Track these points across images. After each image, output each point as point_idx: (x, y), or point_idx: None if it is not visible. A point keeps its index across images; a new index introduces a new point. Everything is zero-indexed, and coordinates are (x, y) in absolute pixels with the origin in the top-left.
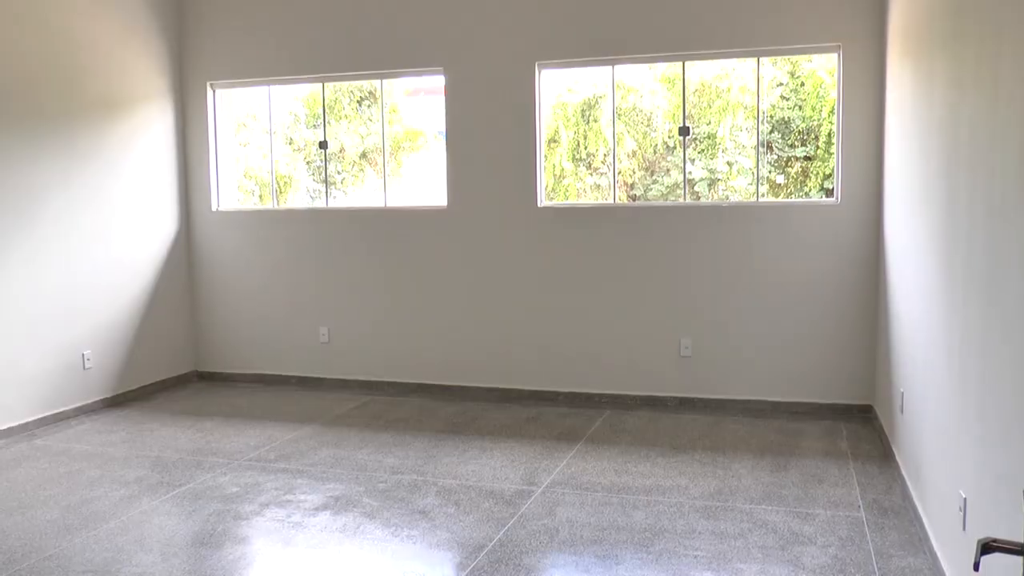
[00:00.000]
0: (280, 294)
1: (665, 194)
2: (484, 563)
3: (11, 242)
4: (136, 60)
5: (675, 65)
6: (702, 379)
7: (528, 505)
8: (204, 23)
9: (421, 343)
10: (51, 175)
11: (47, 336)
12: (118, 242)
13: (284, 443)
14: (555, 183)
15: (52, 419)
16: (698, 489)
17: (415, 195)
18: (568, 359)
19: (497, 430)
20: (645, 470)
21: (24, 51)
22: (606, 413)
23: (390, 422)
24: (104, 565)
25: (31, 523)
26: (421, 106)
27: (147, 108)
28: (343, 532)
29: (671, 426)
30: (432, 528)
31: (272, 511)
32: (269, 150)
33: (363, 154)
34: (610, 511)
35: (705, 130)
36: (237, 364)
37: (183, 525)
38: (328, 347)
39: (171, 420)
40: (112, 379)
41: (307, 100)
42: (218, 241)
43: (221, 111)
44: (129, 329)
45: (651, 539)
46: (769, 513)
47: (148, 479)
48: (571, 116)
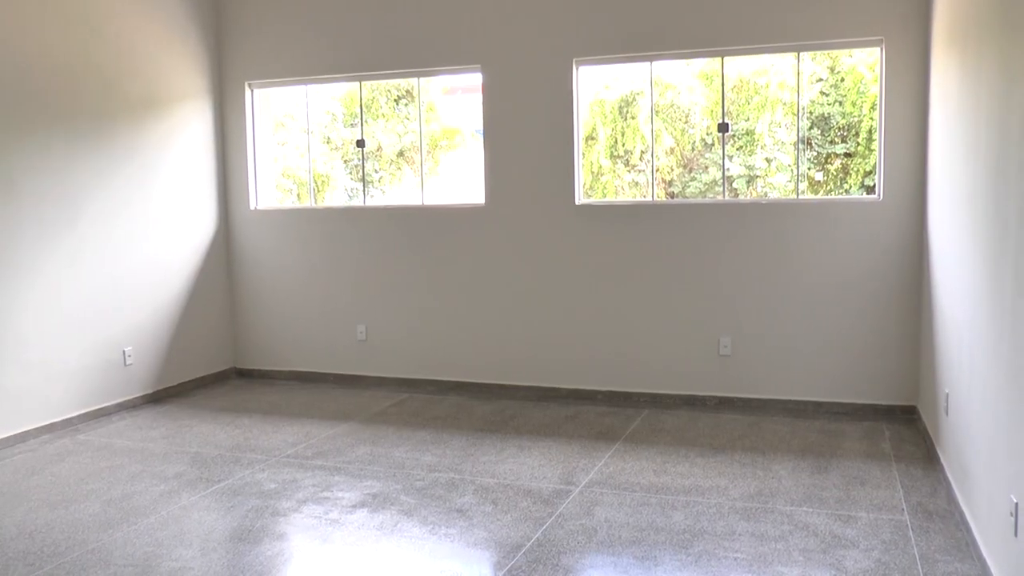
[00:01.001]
0: (318, 292)
1: (703, 191)
2: (522, 563)
3: (54, 241)
4: (175, 61)
5: (713, 61)
6: (741, 378)
7: (566, 505)
8: (242, 23)
9: (459, 341)
10: (92, 174)
11: (89, 333)
12: (157, 241)
13: (321, 440)
14: (593, 180)
15: (94, 414)
16: (738, 490)
17: (452, 193)
18: (606, 358)
19: (535, 429)
20: (684, 470)
21: (66, 53)
22: (645, 412)
23: (428, 420)
24: (144, 559)
25: (74, 516)
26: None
27: (186, 108)
28: (380, 530)
29: (710, 426)
30: (470, 527)
31: (309, 508)
32: (307, 149)
33: (400, 153)
34: (649, 511)
35: (744, 126)
36: (275, 362)
37: (221, 520)
38: (365, 345)
39: (210, 417)
40: (152, 376)
41: (344, 99)
42: (256, 239)
43: (259, 111)
44: (169, 327)
45: (690, 540)
46: (810, 515)
47: (187, 475)
48: (608, 113)
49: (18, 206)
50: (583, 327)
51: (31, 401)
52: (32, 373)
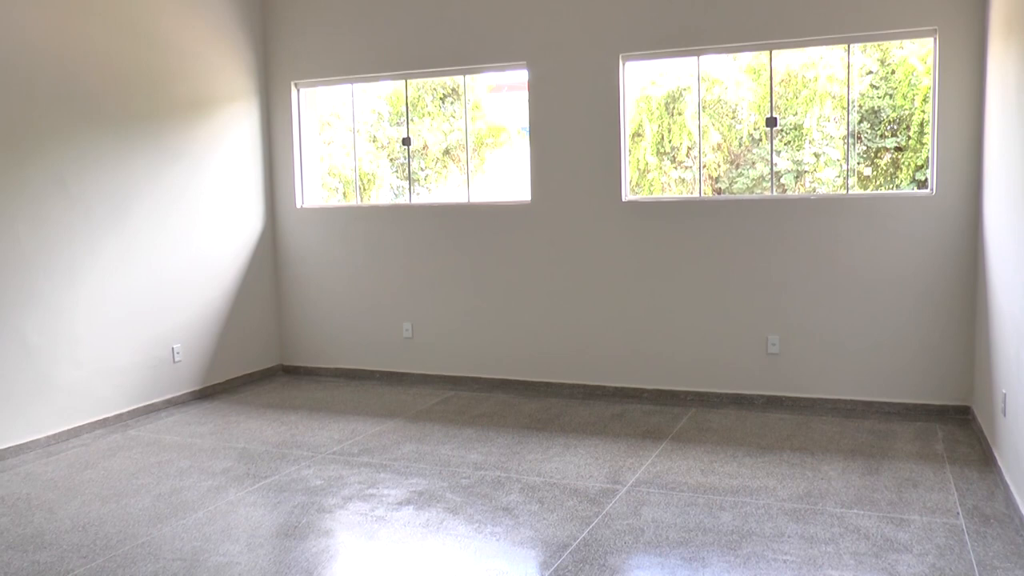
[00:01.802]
0: (364, 290)
1: (750, 187)
2: (568, 562)
3: (105, 240)
4: (223, 61)
5: (760, 55)
6: (790, 377)
7: (613, 504)
8: (288, 24)
9: (505, 338)
10: (141, 174)
11: (139, 331)
12: (205, 239)
13: (367, 437)
14: (639, 177)
15: (143, 410)
16: (786, 491)
17: (498, 190)
18: (653, 355)
19: (581, 427)
20: (732, 470)
21: (116, 55)
22: (692, 411)
23: (473, 418)
24: (192, 554)
25: (125, 511)
26: (503, 102)
27: (233, 108)
28: (426, 527)
29: (758, 425)
30: (516, 525)
31: (355, 505)
32: (352, 147)
33: (446, 151)
34: (696, 512)
35: (791, 121)
36: (321, 359)
37: (268, 516)
38: (411, 342)
39: (257, 413)
40: (200, 372)
41: (390, 98)
42: (303, 237)
43: (305, 110)
44: (216, 324)
45: (738, 542)
46: (861, 518)
47: (235, 470)
48: (655, 109)
49: (70, 207)
50: (629, 324)
51: (84, 397)
52: (84, 370)
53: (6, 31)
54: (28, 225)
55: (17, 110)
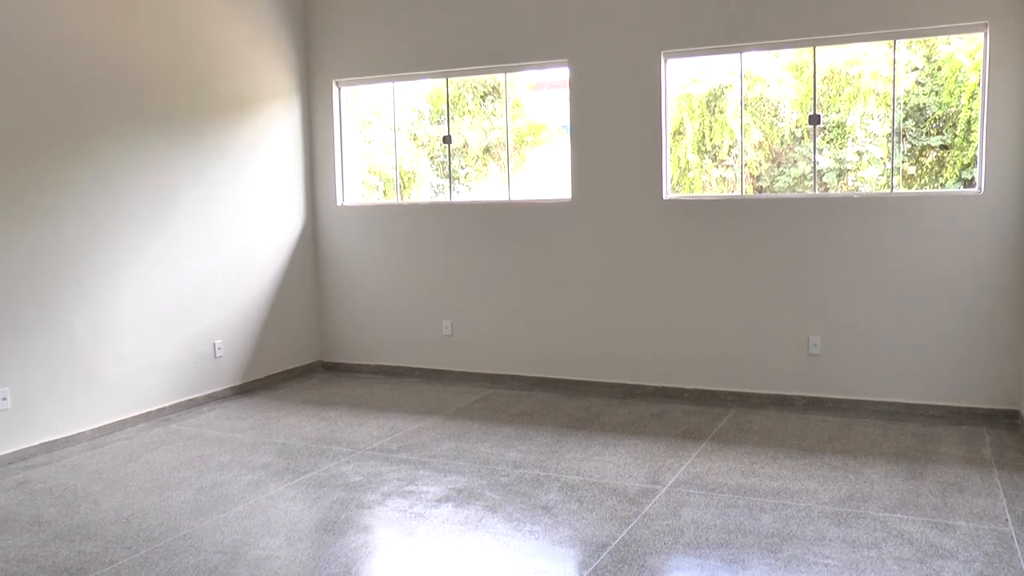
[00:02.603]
0: (404, 287)
1: (792, 185)
2: (607, 562)
3: (148, 237)
4: (264, 61)
5: (803, 52)
6: (832, 378)
7: (652, 504)
8: (330, 23)
9: (544, 337)
10: (184, 173)
11: (181, 327)
12: (247, 236)
13: (406, 434)
14: (680, 175)
15: (185, 405)
16: (828, 494)
17: (538, 189)
18: (693, 355)
19: (620, 426)
20: (772, 472)
21: (161, 56)
22: (732, 412)
23: (512, 416)
24: (233, 547)
25: (167, 503)
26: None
27: (275, 106)
28: (465, 525)
29: (799, 427)
30: (554, 524)
31: (394, 501)
32: (393, 146)
33: (486, 149)
34: (736, 513)
35: (834, 119)
36: (361, 355)
37: (308, 511)
38: (451, 340)
39: (296, 409)
40: (241, 368)
41: (431, 96)
42: (343, 235)
43: (346, 108)
44: (257, 320)
45: (779, 544)
46: (905, 523)
47: (274, 465)
48: (696, 107)
49: (115, 204)
50: (670, 324)
51: (128, 391)
52: (128, 365)
53: (55, 34)
54: (75, 222)
55: (65, 110)
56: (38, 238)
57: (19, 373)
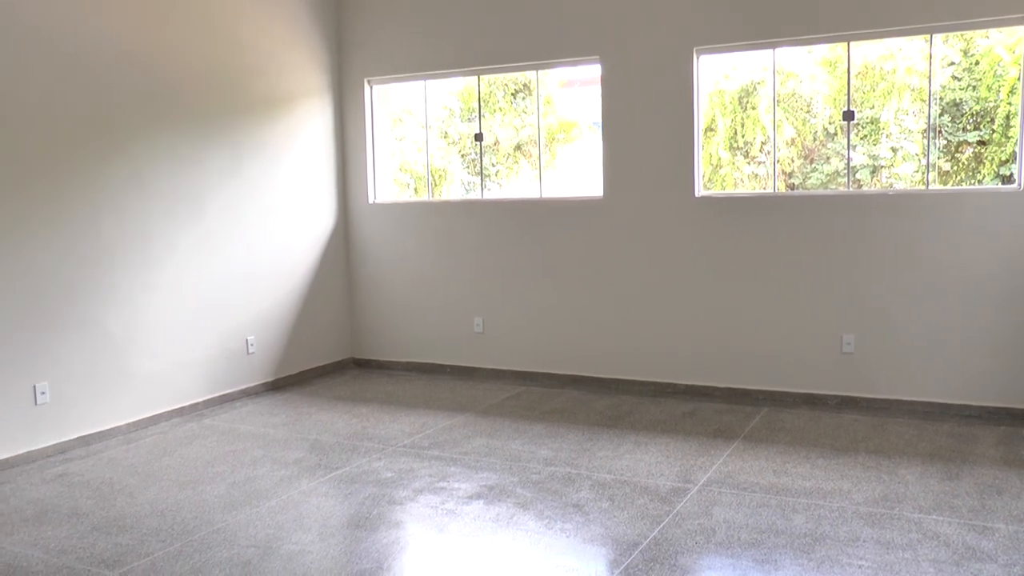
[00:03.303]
0: (435, 284)
1: (825, 182)
2: (638, 561)
3: (181, 234)
4: (297, 59)
5: (836, 48)
6: (865, 377)
7: (684, 503)
8: (362, 21)
9: (576, 335)
10: (217, 170)
11: (214, 323)
12: (279, 234)
13: (438, 431)
14: (712, 172)
15: (218, 400)
16: (861, 494)
17: (569, 186)
18: (725, 353)
19: (652, 425)
20: (805, 471)
21: (195, 55)
22: (764, 410)
23: (544, 413)
24: (266, 541)
25: (201, 497)
26: (575, 97)
27: (307, 105)
28: (496, 522)
29: (832, 426)
30: (586, 522)
31: (426, 497)
32: (425, 143)
33: (517, 146)
34: (768, 513)
35: (868, 115)
36: (392, 352)
37: (340, 507)
38: (482, 337)
39: (328, 405)
40: (273, 364)
41: (462, 94)
42: (375, 233)
43: (378, 106)
44: (289, 317)
45: (812, 545)
46: (940, 524)
47: (307, 461)
48: (728, 104)
49: (148, 201)
50: (701, 321)
51: (162, 386)
52: (162, 360)
53: (91, 34)
54: (110, 220)
55: (100, 109)
56: (74, 235)
57: (57, 368)
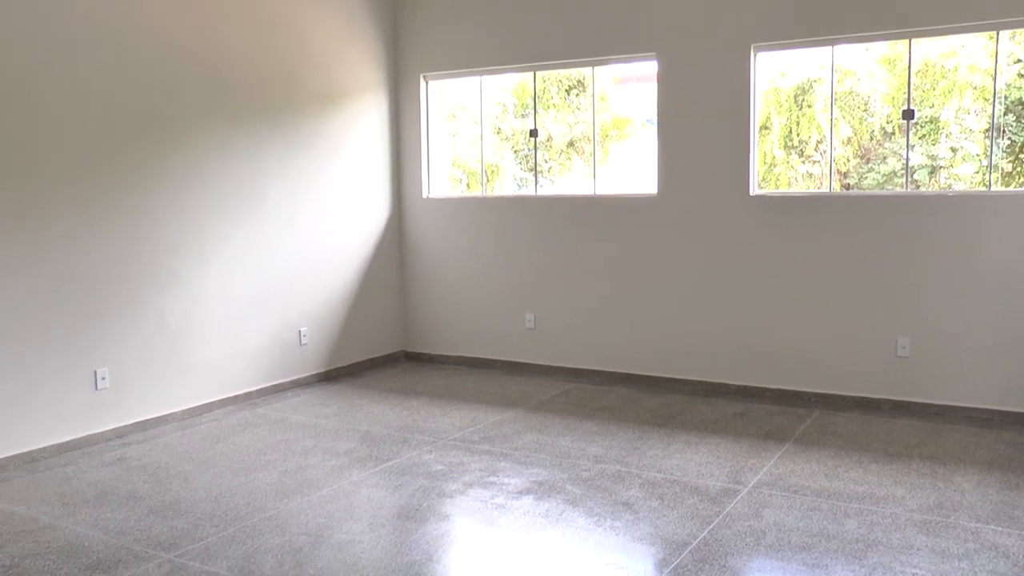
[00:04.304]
0: (487, 279)
1: (881, 183)
2: (688, 561)
3: (237, 226)
4: (353, 56)
5: (896, 45)
6: (920, 382)
7: (734, 504)
8: (418, 17)
9: (627, 332)
10: (273, 165)
11: (268, 314)
12: (334, 227)
13: (488, 425)
14: (766, 171)
15: (270, 390)
16: (915, 501)
17: (621, 183)
18: (776, 354)
19: (702, 425)
20: (857, 476)
21: (253, 52)
22: (815, 413)
23: (594, 411)
24: (317, 529)
25: (254, 484)
26: (629, 94)
27: (362, 100)
28: (546, 518)
29: (885, 431)
30: (635, 521)
31: (476, 491)
32: (479, 139)
33: (570, 143)
34: (820, 517)
35: (927, 114)
36: (443, 346)
37: (390, 498)
38: (534, 333)
39: (379, 397)
40: (325, 355)
41: (515, 90)
42: (428, 227)
43: (433, 102)
44: (342, 309)
45: (864, 551)
46: (999, 535)
47: (357, 452)
48: (783, 102)
49: (206, 193)
50: (753, 321)
51: (216, 375)
52: (216, 349)
53: (151, 31)
54: (168, 211)
55: (161, 104)
56: (134, 226)
57: (116, 354)
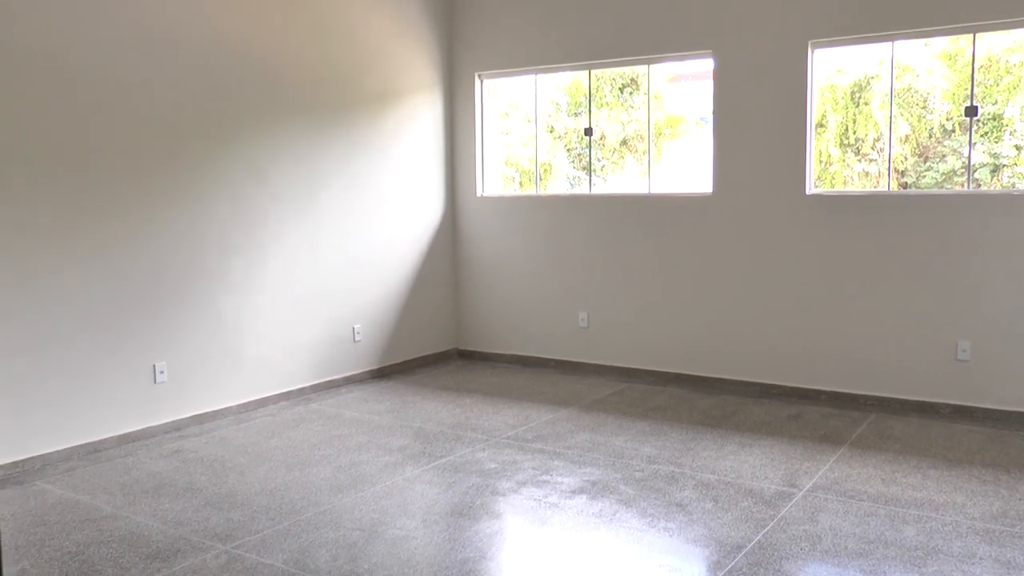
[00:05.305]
0: (541, 278)
1: (940, 182)
2: (742, 564)
3: (293, 223)
4: (409, 55)
5: (956, 40)
6: (981, 386)
7: (789, 508)
8: (473, 16)
9: (680, 332)
10: (330, 163)
11: (323, 310)
12: (388, 225)
13: (541, 424)
14: (821, 170)
15: (324, 386)
16: (977, 509)
17: (674, 181)
18: (832, 356)
19: (756, 426)
20: (915, 482)
21: (309, 52)
22: (871, 416)
23: (647, 411)
24: (371, 525)
25: (308, 479)
26: (683, 92)
27: (417, 99)
28: (599, 517)
29: (944, 436)
30: (689, 522)
31: (529, 490)
32: (534, 137)
33: (623, 141)
34: (877, 523)
35: (990, 111)
36: (496, 344)
37: (443, 495)
38: (587, 332)
39: (432, 394)
40: (378, 352)
41: (569, 88)
42: (481, 226)
43: (487, 100)
44: (396, 306)
45: (923, 559)
46: None
47: (411, 448)
48: (840, 99)
49: (263, 191)
50: (808, 322)
51: (271, 370)
52: (271, 345)
53: (210, 32)
54: (226, 208)
55: (218, 103)
56: (193, 221)
57: (175, 348)
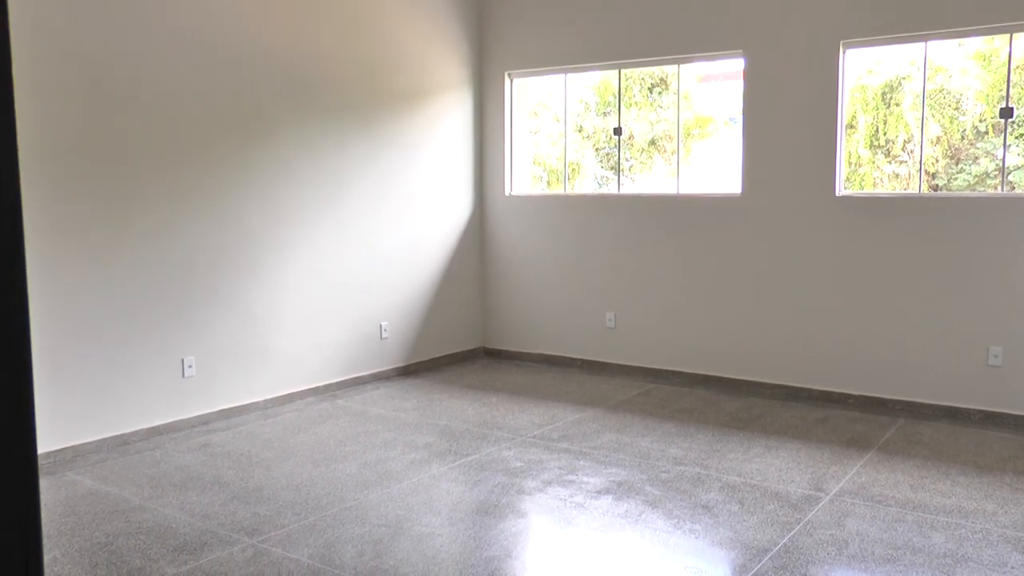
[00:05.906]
0: (568, 277)
1: (972, 184)
2: (768, 567)
3: (322, 220)
4: (438, 53)
5: (992, 40)
6: (1014, 392)
7: (815, 512)
8: (503, 15)
9: (708, 333)
10: (357, 161)
11: (350, 308)
12: (416, 223)
13: (567, 424)
14: (851, 172)
15: (351, 383)
16: (1008, 517)
17: (703, 182)
18: (860, 359)
19: (783, 429)
20: (944, 488)
21: (338, 50)
22: (900, 421)
23: (674, 412)
24: (396, 521)
25: (334, 475)
26: (712, 92)
27: (446, 98)
28: (624, 518)
29: (974, 442)
30: (715, 525)
31: (554, 489)
32: (562, 137)
33: (652, 141)
34: (905, 529)
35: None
36: (523, 343)
37: (469, 493)
38: (614, 332)
39: (458, 392)
40: (405, 350)
41: (598, 87)
42: (509, 224)
43: (516, 99)
44: (423, 304)
45: (952, 566)
46: None
47: (436, 446)
48: (870, 100)
49: (292, 188)
50: (837, 325)
51: (298, 366)
52: (299, 341)
53: (240, 31)
54: (255, 204)
55: (248, 101)
56: (223, 217)
57: (203, 343)
